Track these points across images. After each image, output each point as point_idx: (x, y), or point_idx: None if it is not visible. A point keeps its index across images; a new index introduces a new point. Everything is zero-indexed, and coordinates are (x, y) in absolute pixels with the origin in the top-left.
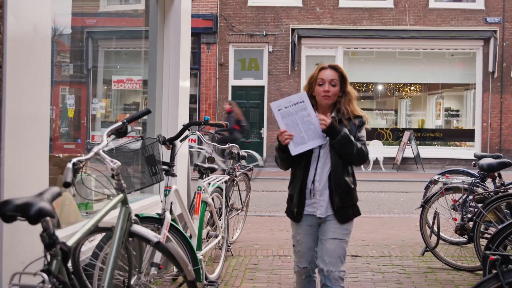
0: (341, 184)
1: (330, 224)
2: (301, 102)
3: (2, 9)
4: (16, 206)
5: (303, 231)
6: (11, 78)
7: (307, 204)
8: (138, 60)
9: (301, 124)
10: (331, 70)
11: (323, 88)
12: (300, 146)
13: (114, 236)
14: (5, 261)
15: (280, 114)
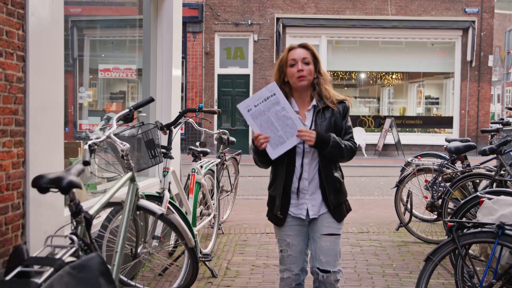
0: (333, 180)
1: (323, 219)
2: (272, 96)
3: (24, 10)
4: (49, 180)
5: (293, 231)
6: (33, 73)
7: (292, 205)
8: (124, 49)
9: (276, 121)
10: (301, 49)
11: (296, 67)
12: (279, 147)
13: (124, 208)
14: (31, 231)
15: (251, 116)
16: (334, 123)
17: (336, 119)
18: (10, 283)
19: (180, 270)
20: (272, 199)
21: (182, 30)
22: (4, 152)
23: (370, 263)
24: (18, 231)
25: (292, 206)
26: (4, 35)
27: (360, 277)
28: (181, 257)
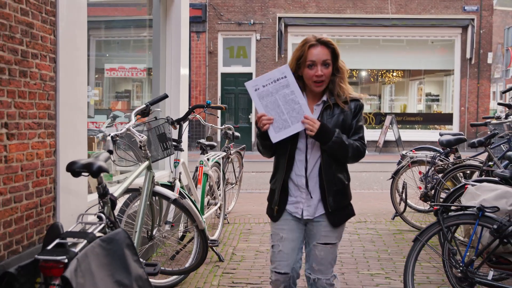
0: (334, 181)
1: (321, 226)
2: (283, 78)
3: (55, 17)
4: (82, 165)
5: (288, 226)
6: (62, 73)
7: (289, 202)
8: (129, 49)
9: (283, 104)
10: (322, 47)
11: (315, 71)
12: (282, 131)
13: (142, 193)
14: (61, 212)
15: (257, 95)
16: (342, 121)
17: (345, 117)
18: (51, 251)
19: (189, 256)
20: (272, 193)
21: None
22: (39, 142)
23: (367, 249)
24: (50, 212)
25: (289, 203)
26: (39, 40)
27: (356, 261)
28: (190, 243)
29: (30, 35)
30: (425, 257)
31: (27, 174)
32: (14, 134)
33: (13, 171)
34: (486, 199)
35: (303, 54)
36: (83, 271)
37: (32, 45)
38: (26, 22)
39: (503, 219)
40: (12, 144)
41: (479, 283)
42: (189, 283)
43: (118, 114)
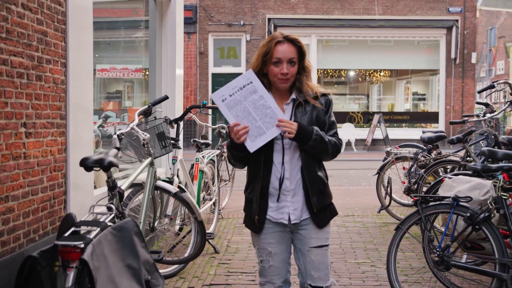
0: (317, 180)
1: (309, 230)
2: (249, 84)
3: (66, 25)
4: (94, 160)
5: (275, 239)
6: (72, 77)
7: (271, 209)
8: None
9: (254, 111)
10: (289, 45)
11: (281, 69)
12: (258, 139)
13: (145, 187)
14: (71, 205)
15: (226, 105)
16: (316, 117)
17: (318, 113)
18: (69, 238)
19: (186, 248)
20: (249, 203)
21: None
22: (52, 140)
23: (354, 240)
24: (62, 205)
25: (271, 210)
26: (52, 46)
27: (344, 251)
28: (187, 237)
29: (45, 42)
30: (409, 247)
31: (42, 169)
32: (32, 133)
33: (30, 166)
34: (461, 190)
35: (270, 51)
36: (98, 255)
37: (46, 51)
38: (41, 30)
39: (475, 208)
40: (29, 142)
41: (454, 266)
42: (187, 272)
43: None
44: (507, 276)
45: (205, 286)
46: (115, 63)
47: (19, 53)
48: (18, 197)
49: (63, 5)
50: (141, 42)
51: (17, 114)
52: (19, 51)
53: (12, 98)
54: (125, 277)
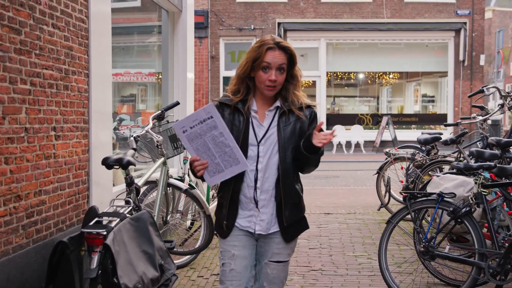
0: (292, 193)
1: (273, 243)
2: (209, 119)
3: (88, 40)
4: (114, 159)
5: (240, 242)
6: (93, 86)
7: (240, 216)
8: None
9: (213, 147)
10: (280, 51)
11: (269, 76)
12: (216, 176)
13: (159, 184)
14: (93, 200)
15: (186, 137)
16: (300, 129)
17: (302, 125)
18: (93, 226)
19: (196, 242)
20: (220, 207)
21: None
22: (77, 142)
23: (353, 236)
24: (85, 199)
25: (240, 217)
26: (77, 59)
27: (344, 245)
28: (197, 232)
29: (71, 56)
30: (404, 242)
31: (68, 168)
32: (60, 135)
33: (59, 165)
34: (447, 187)
35: (260, 57)
36: (118, 241)
37: (72, 64)
38: (68, 46)
39: (458, 203)
40: (58, 144)
41: (438, 255)
42: (197, 263)
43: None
44: (485, 264)
45: (214, 275)
46: (129, 67)
47: (50, 66)
48: (49, 191)
49: (86, 22)
50: (154, 47)
51: (48, 120)
52: (50, 64)
53: (44, 105)
54: (141, 261)
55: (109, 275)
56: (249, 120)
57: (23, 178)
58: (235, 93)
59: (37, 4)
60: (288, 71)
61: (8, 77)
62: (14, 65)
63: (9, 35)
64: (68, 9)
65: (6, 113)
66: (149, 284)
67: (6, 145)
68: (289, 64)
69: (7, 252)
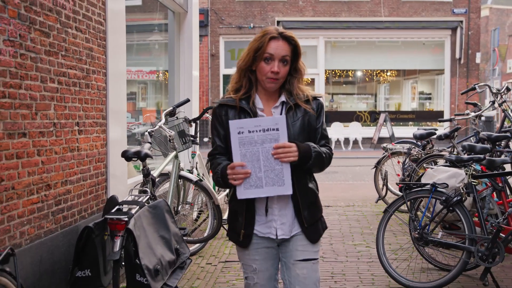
0: (308, 193)
1: (296, 241)
2: (274, 130)
3: (105, 41)
4: (133, 152)
5: (260, 256)
6: (110, 84)
7: (259, 223)
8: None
9: (264, 160)
10: (283, 42)
11: (271, 67)
12: (252, 190)
13: (171, 176)
14: (110, 191)
15: (239, 139)
16: (308, 124)
17: (310, 119)
18: (115, 213)
19: (203, 233)
20: (234, 215)
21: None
22: (97, 137)
23: (353, 226)
24: (103, 190)
25: (258, 223)
26: (96, 59)
27: (343, 235)
28: (203, 223)
29: (91, 56)
30: (401, 231)
31: (89, 160)
32: (82, 130)
33: (81, 157)
34: (440, 178)
35: (262, 46)
36: (138, 226)
37: (92, 64)
38: (88, 47)
39: (450, 193)
40: (81, 138)
41: (431, 241)
42: (205, 252)
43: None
44: (475, 248)
45: (221, 262)
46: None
47: (74, 66)
48: (73, 181)
49: (103, 25)
50: (155, 45)
51: (72, 116)
52: (74, 65)
53: (69, 102)
54: (159, 245)
55: (132, 257)
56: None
57: (52, 168)
58: (237, 91)
59: (62, 9)
60: (292, 64)
61: (40, 77)
62: (45, 66)
63: (40, 38)
64: (88, 13)
65: (38, 109)
66: (167, 266)
67: (38, 138)
68: (293, 56)
69: (39, 236)
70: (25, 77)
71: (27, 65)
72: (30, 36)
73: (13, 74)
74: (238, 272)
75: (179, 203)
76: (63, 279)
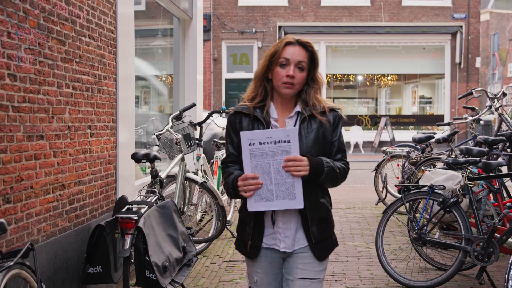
0: (318, 207)
1: (298, 258)
2: (286, 142)
3: (116, 48)
4: (142, 154)
5: (262, 269)
6: (120, 89)
7: (266, 234)
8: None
9: (275, 173)
10: (300, 48)
11: (287, 71)
12: (262, 202)
13: (177, 177)
14: (119, 191)
15: (250, 151)
16: (323, 136)
17: (325, 131)
18: (125, 212)
19: (207, 234)
20: (243, 224)
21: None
22: (107, 140)
23: (353, 228)
24: (113, 191)
25: (265, 234)
26: (107, 66)
27: (344, 236)
28: (207, 225)
29: (102, 63)
30: (400, 232)
31: (100, 162)
32: (94, 133)
33: (93, 159)
34: (438, 180)
35: (278, 51)
36: (148, 225)
37: (103, 70)
38: (100, 54)
39: (447, 194)
40: (93, 140)
41: (428, 241)
42: (210, 252)
43: None
44: (471, 248)
45: (225, 262)
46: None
47: (87, 72)
48: (85, 182)
49: (114, 32)
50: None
51: (85, 119)
52: (87, 71)
53: (82, 107)
54: (167, 243)
55: (142, 254)
56: (270, 129)
57: (67, 169)
58: (252, 100)
59: (77, 18)
60: (309, 73)
61: (56, 82)
62: (61, 72)
63: (57, 46)
64: (100, 21)
65: (54, 113)
66: (174, 263)
67: (54, 140)
68: (311, 64)
69: (54, 233)
70: (43, 83)
71: (45, 71)
72: (48, 44)
73: (33, 80)
74: (241, 271)
75: (185, 204)
76: (75, 275)
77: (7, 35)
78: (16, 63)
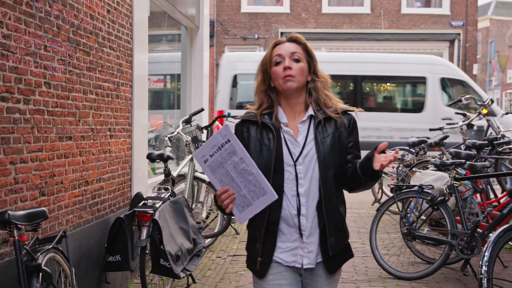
0: (336, 217)
1: (320, 278)
2: (227, 143)
3: (132, 57)
4: (156, 154)
5: (287, 280)
6: (136, 94)
7: (282, 250)
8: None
9: (236, 176)
10: (290, 42)
11: (283, 65)
12: (246, 210)
13: (187, 177)
14: (134, 189)
15: (208, 167)
16: (339, 140)
17: (340, 135)
18: (141, 206)
19: (212, 231)
20: (252, 241)
21: None
22: (124, 141)
23: (350, 226)
24: (128, 188)
25: (280, 251)
26: (124, 73)
27: None
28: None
29: (120, 71)
30: (394, 229)
31: (118, 161)
32: (113, 135)
33: (112, 159)
34: (427, 180)
35: (268, 55)
36: (162, 218)
37: (121, 77)
38: (118, 63)
39: (435, 193)
40: (112, 142)
41: (418, 236)
42: (215, 247)
43: None
44: (456, 242)
45: (230, 256)
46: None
47: (107, 80)
48: (105, 179)
49: (131, 43)
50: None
51: (106, 122)
52: (107, 78)
53: (103, 111)
54: (179, 235)
55: (157, 244)
56: (281, 136)
57: (90, 167)
58: (259, 108)
59: (100, 31)
60: (309, 67)
61: (82, 89)
62: (86, 80)
63: (83, 56)
64: (119, 34)
65: (80, 117)
66: (186, 253)
67: (80, 141)
68: (307, 56)
69: (80, 224)
70: (71, 90)
71: (73, 80)
72: (76, 55)
73: (63, 88)
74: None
75: (193, 201)
76: (97, 263)
77: (44, 48)
78: (51, 72)
